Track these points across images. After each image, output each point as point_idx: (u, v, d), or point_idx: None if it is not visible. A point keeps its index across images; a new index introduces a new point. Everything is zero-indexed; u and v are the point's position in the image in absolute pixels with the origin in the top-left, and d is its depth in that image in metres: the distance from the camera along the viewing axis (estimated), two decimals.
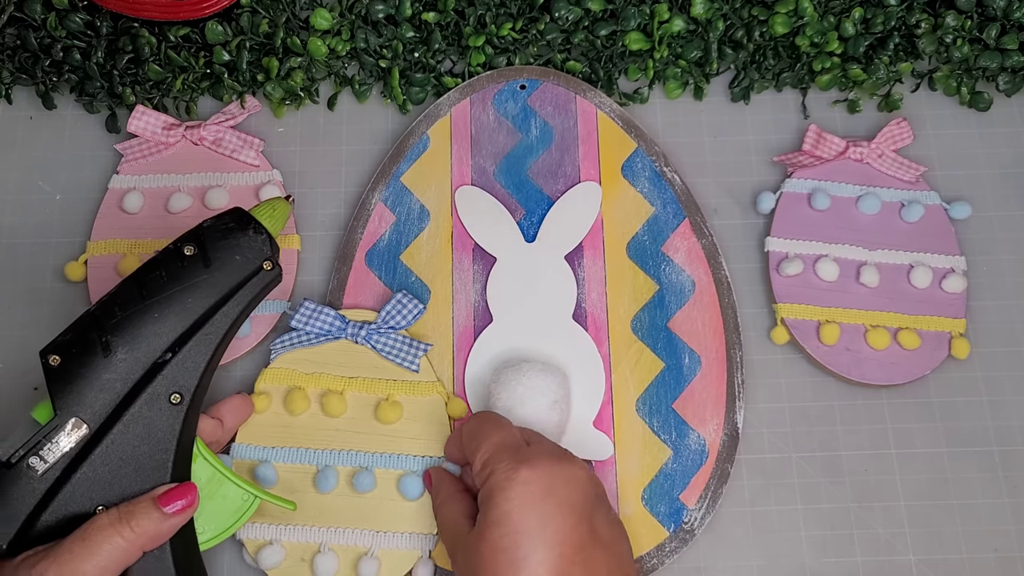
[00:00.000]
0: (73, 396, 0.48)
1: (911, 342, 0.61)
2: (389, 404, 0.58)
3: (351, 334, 0.59)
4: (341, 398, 0.58)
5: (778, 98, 0.69)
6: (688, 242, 0.63)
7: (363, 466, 0.57)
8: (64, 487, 0.48)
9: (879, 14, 0.67)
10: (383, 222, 0.64)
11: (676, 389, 0.60)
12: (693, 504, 0.58)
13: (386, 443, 0.58)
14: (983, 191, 0.66)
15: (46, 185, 0.66)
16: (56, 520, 0.48)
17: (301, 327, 0.59)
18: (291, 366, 0.59)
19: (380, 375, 0.59)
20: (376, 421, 0.58)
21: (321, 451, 0.57)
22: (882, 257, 0.63)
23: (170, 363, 0.50)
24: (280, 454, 0.57)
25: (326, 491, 0.57)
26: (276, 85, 0.67)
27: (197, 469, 0.52)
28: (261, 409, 0.58)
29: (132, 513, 0.48)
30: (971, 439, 0.60)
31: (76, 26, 0.67)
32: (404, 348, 0.59)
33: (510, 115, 0.66)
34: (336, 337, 0.59)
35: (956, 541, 0.58)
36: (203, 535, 0.51)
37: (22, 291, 0.63)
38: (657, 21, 0.67)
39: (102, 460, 0.49)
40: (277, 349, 0.59)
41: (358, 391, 0.59)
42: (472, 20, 0.68)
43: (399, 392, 0.59)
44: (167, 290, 0.50)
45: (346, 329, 0.59)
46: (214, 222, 0.53)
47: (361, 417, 0.58)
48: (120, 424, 0.49)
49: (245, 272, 0.52)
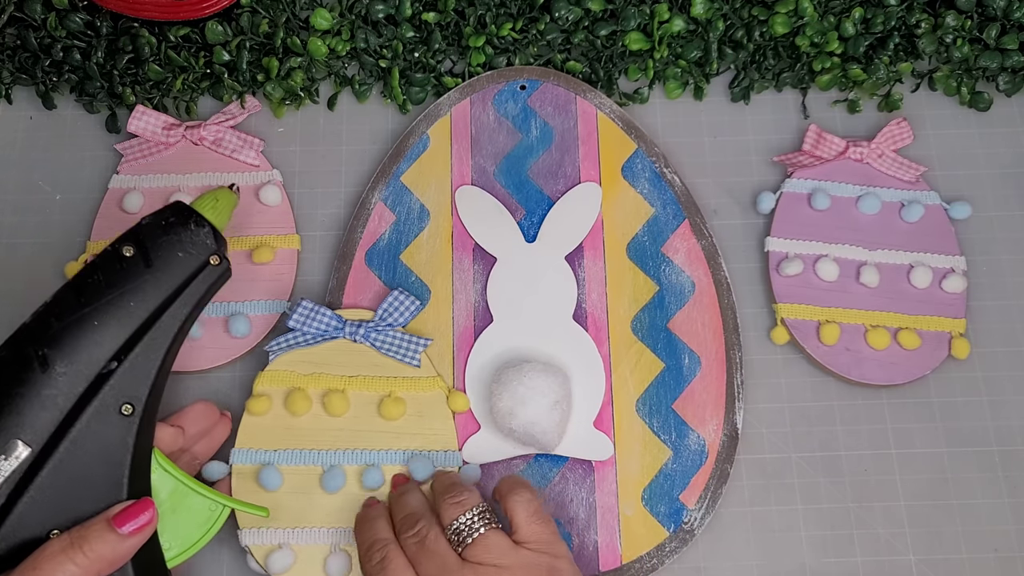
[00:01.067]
0: (12, 417, 0.45)
1: (911, 342, 0.61)
2: (392, 400, 0.58)
3: (349, 333, 0.59)
4: (343, 397, 0.58)
5: (778, 98, 0.69)
6: (688, 243, 0.63)
7: (370, 463, 0.57)
8: (11, 514, 0.45)
9: (879, 14, 0.67)
10: (383, 221, 0.64)
11: (676, 389, 0.60)
12: (693, 504, 0.58)
13: (391, 439, 0.58)
14: (983, 191, 0.66)
15: (46, 185, 0.66)
16: (6, 548, 0.45)
17: (299, 327, 0.59)
18: (290, 367, 0.59)
19: (380, 372, 0.59)
20: (380, 418, 0.58)
21: (326, 451, 0.57)
22: (882, 257, 0.63)
23: (116, 372, 0.47)
24: (284, 456, 0.57)
25: (334, 491, 0.56)
26: (276, 85, 0.67)
27: (157, 483, 0.49)
28: (262, 411, 0.58)
29: (85, 537, 0.45)
30: (971, 439, 0.60)
31: (76, 26, 0.67)
32: (404, 344, 0.59)
33: (510, 115, 0.66)
34: (334, 336, 0.59)
35: (956, 541, 0.58)
36: (170, 551, 0.49)
37: (22, 291, 0.63)
38: (657, 21, 0.67)
39: (50, 482, 0.46)
40: (275, 351, 0.59)
41: (359, 389, 0.59)
42: (472, 20, 0.68)
43: (401, 388, 0.59)
44: (106, 295, 0.47)
45: (344, 328, 0.59)
46: (153, 219, 0.50)
47: (364, 415, 0.58)
48: (67, 442, 0.46)
49: (190, 269, 0.49)
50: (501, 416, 0.57)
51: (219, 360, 0.61)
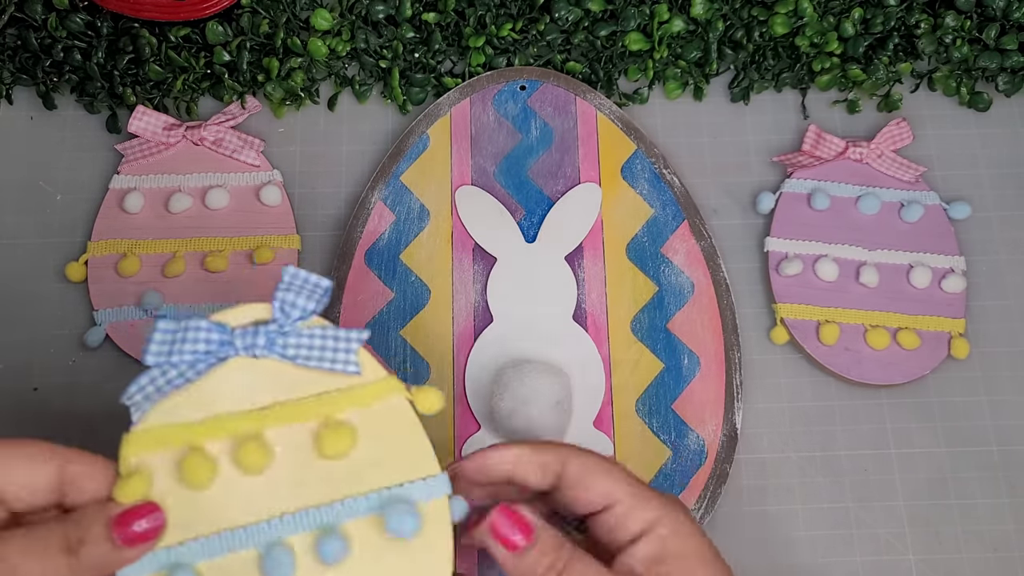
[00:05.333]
0: None
1: (911, 342, 0.61)
2: (333, 430, 0.40)
3: (243, 347, 0.40)
4: (260, 443, 0.39)
5: (778, 98, 0.69)
6: (687, 244, 0.63)
7: (324, 526, 0.39)
8: None
9: (879, 14, 0.67)
10: (382, 221, 0.64)
11: (675, 390, 0.60)
12: (692, 504, 0.58)
13: (347, 484, 0.40)
14: (982, 191, 0.66)
15: (46, 185, 0.66)
16: None
17: (161, 360, 0.39)
18: (168, 419, 0.40)
19: (305, 391, 0.40)
20: (322, 459, 0.40)
21: (257, 525, 0.39)
22: (882, 257, 0.63)
23: None
24: (197, 549, 0.38)
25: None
26: (276, 85, 0.67)
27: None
28: (136, 494, 0.38)
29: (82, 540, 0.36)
30: (971, 439, 0.60)
31: (77, 26, 0.67)
32: (327, 345, 0.41)
33: (510, 116, 0.67)
34: (223, 357, 0.40)
35: (956, 541, 0.58)
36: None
37: (22, 291, 0.63)
38: (657, 21, 0.67)
39: None
40: (138, 403, 0.40)
41: (281, 424, 0.40)
42: (472, 20, 0.68)
43: (341, 407, 0.40)
44: None
45: (233, 342, 0.40)
46: None
47: (299, 460, 0.40)
48: None
49: None
50: (502, 416, 0.57)
51: None
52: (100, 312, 0.61)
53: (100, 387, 0.61)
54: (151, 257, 0.63)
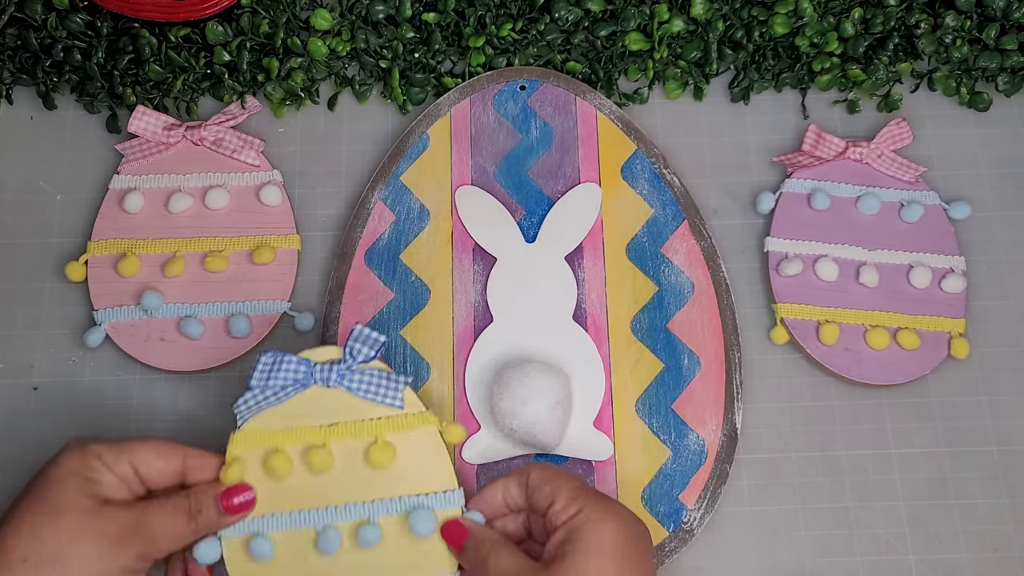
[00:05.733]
0: None
1: (911, 342, 0.61)
2: (379, 447, 0.53)
3: (320, 378, 0.53)
4: (325, 451, 0.53)
5: (778, 98, 0.69)
6: (687, 244, 0.63)
7: (365, 518, 0.52)
8: None
9: (879, 14, 0.67)
10: (383, 221, 0.64)
11: (675, 390, 0.60)
12: (692, 504, 0.58)
13: (385, 488, 0.53)
14: (982, 191, 0.66)
15: (47, 185, 0.66)
16: None
17: (260, 386, 0.53)
18: (262, 425, 0.53)
19: (361, 415, 0.54)
20: (369, 467, 0.53)
21: (317, 510, 0.52)
22: (881, 257, 0.63)
23: None
24: (272, 522, 0.52)
25: (331, 553, 0.52)
26: (276, 85, 0.67)
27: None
28: (235, 478, 0.52)
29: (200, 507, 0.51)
30: (970, 439, 0.60)
31: (77, 26, 0.67)
32: (382, 384, 0.54)
33: (510, 116, 0.67)
34: (305, 385, 0.54)
35: (956, 541, 0.58)
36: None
37: (22, 291, 0.63)
38: (657, 21, 0.67)
39: None
40: (243, 412, 0.54)
41: (342, 439, 0.54)
42: (472, 20, 0.68)
43: (387, 431, 0.54)
44: None
45: (314, 374, 0.54)
46: None
47: (352, 466, 0.53)
48: None
49: None
50: (502, 416, 0.57)
51: (219, 360, 0.61)
52: (100, 312, 0.61)
53: (100, 387, 0.61)
54: (151, 257, 0.63)
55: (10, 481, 0.58)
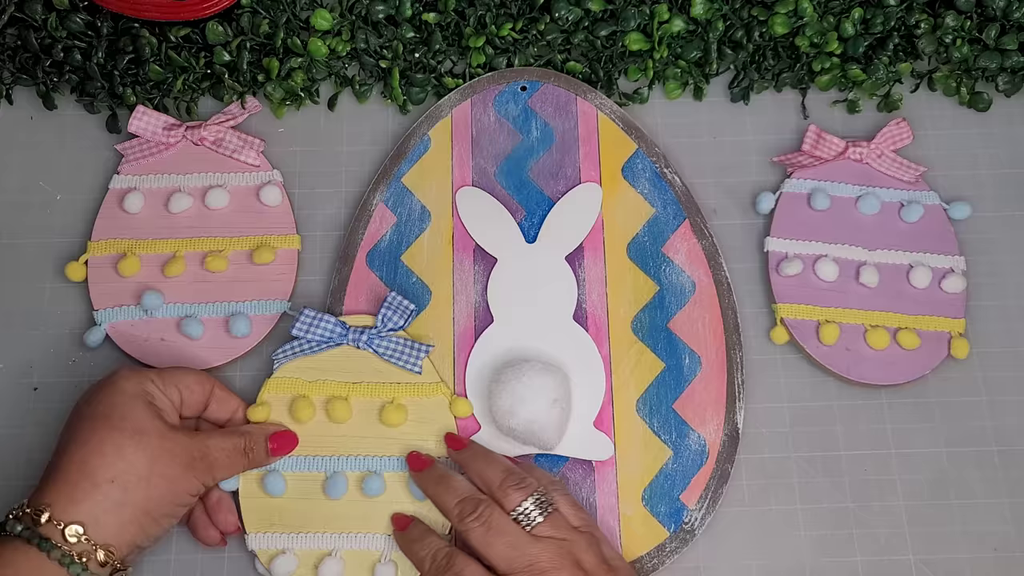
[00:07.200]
0: None
1: (910, 342, 0.61)
2: (394, 407, 0.58)
3: (352, 339, 0.59)
4: (346, 404, 0.58)
5: (778, 98, 0.69)
6: (688, 243, 0.63)
7: (372, 470, 0.57)
8: None
9: (879, 14, 0.67)
10: (384, 223, 0.64)
11: (676, 389, 0.60)
12: (693, 504, 0.58)
13: (393, 446, 0.58)
14: (983, 191, 0.66)
15: (47, 185, 0.66)
16: None
17: (302, 335, 0.59)
18: (294, 375, 0.59)
19: (383, 379, 0.59)
20: (382, 425, 0.58)
21: (329, 457, 0.58)
22: (882, 257, 0.63)
23: None
24: (288, 463, 0.58)
25: (336, 497, 0.57)
26: (276, 85, 0.67)
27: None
28: (263, 419, 0.58)
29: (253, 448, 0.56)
30: (970, 439, 0.60)
31: (77, 26, 0.67)
32: (406, 350, 0.59)
33: (511, 116, 0.67)
34: (338, 343, 0.59)
35: (956, 541, 0.58)
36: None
37: (22, 291, 0.63)
38: (657, 21, 0.67)
39: None
40: (279, 359, 0.59)
41: (362, 396, 0.59)
42: (472, 21, 0.68)
43: (403, 395, 0.59)
44: None
45: (347, 335, 0.59)
46: None
47: (367, 422, 0.59)
48: None
49: None
50: (501, 415, 0.57)
51: (219, 360, 0.61)
52: (100, 312, 0.61)
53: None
54: (151, 257, 0.63)
55: (10, 482, 0.58)
